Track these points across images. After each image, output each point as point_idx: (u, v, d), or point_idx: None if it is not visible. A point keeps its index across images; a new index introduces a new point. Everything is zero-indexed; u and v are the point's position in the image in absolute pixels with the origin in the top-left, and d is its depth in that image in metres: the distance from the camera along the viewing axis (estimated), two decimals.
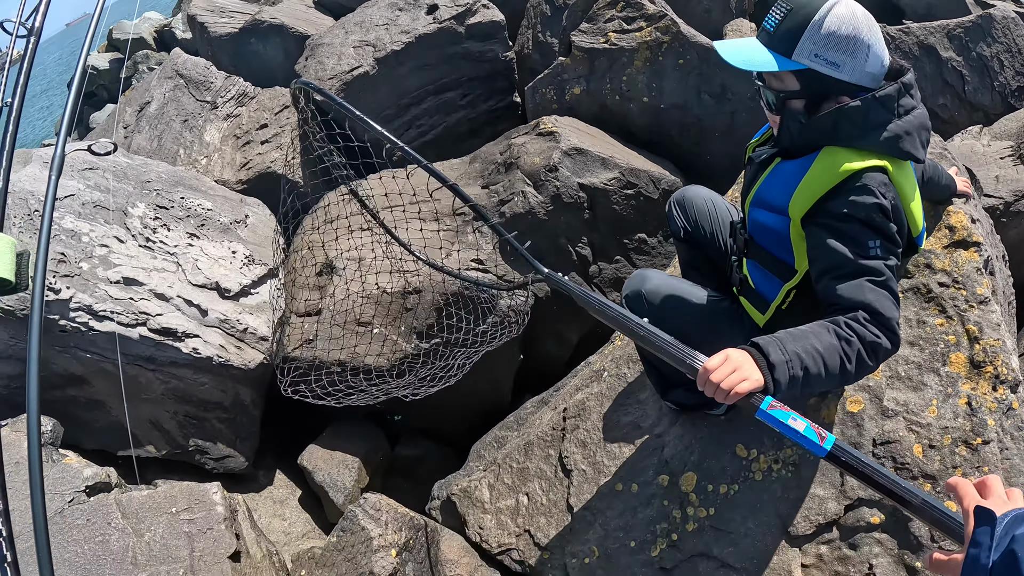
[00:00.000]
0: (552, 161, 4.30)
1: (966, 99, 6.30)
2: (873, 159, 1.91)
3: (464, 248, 4.32)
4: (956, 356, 2.43)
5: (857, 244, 1.86)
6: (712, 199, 2.76)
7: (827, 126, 1.96)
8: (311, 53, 6.90)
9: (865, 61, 1.92)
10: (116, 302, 4.27)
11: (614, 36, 5.14)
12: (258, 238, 5.30)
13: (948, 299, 2.52)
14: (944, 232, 2.66)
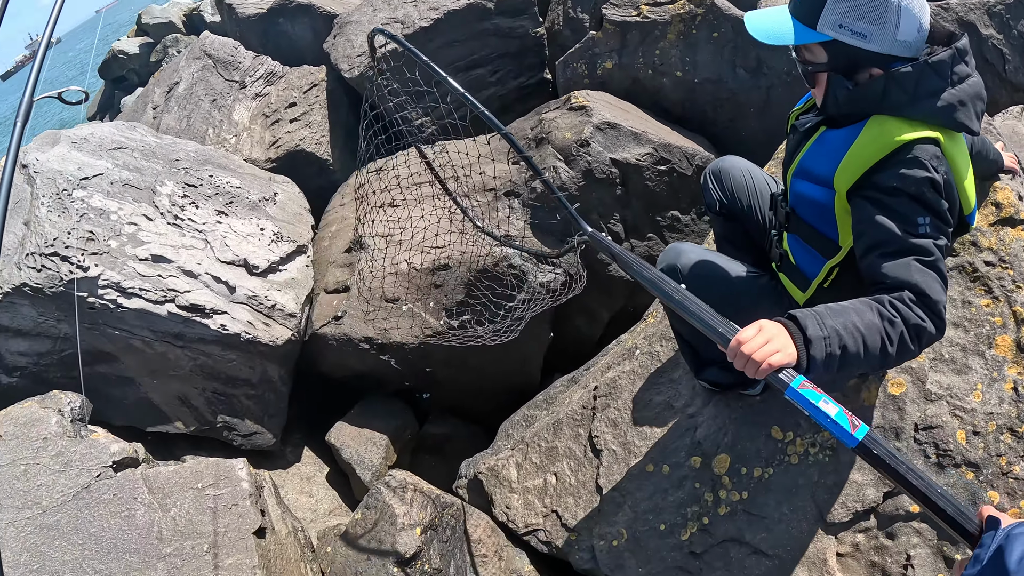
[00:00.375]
0: (584, 136, 4.20)
1: (1006, 78, 6.07)
2: (925, 130, 1.77)
3: (495, 223, 4.26)
4: (1002, 339, 2.32)
5: (906, 220, 1.74)
6: (750, 170, 2.63)
7: (876, 93, 1.82)
8: (339, 31, 6.85)
9: (896, 29, 1.76)
10: (144, 279, 4.27)
11: (647, 9, 5.01)
12: (287, 215, 5.28)
13: (995, 279, 2.40)
14: (990, 208, 2.54)
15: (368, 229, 4.47)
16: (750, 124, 4.99)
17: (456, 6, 6.37)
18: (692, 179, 4.44)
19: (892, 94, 1.79)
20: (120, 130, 5.50)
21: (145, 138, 5.51)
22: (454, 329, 4.02)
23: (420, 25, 6.27)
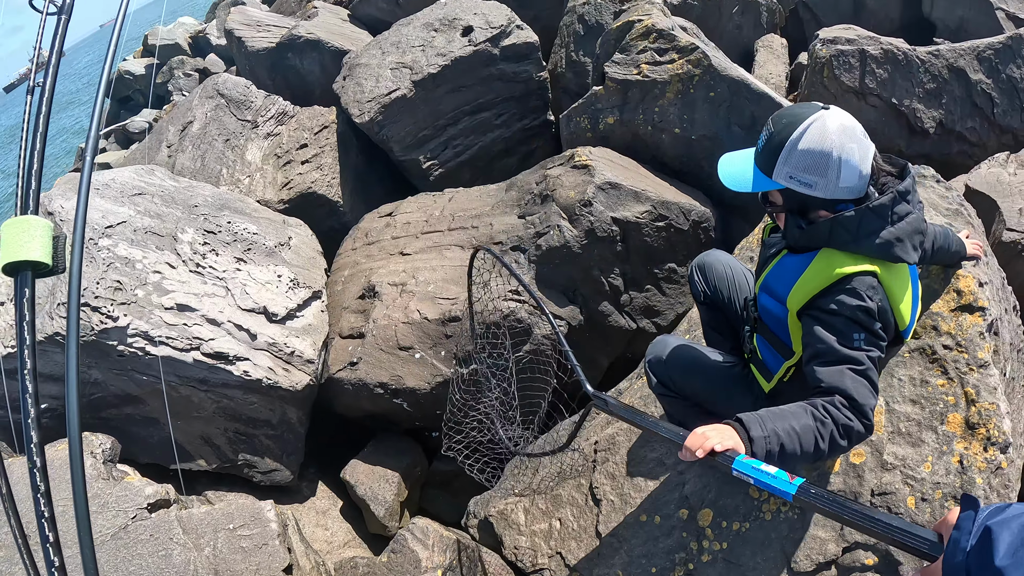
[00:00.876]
0: (587, 196, 4.48)
1: (995, 122, 6.33)
2: (865, 263, 2.08)
3: (502, 279, 4.52)
4: (953, 416, 2.58)
5: (843, 335, 2.05)
6: (731, 265, 2.96)
7: (824, 233, 2.12)
8: (349, 73, 7.10)
9: (838, 179, 2.04)
10: (171, 328, 4.51)
11: (647, 68, 5.28)
12: (302, 260, 5.53)
13: (951, 361, 2.67)
14: (952, 296, 2.82)
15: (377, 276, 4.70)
16: None
17: (463, 52, 6.63)
18: (688, 233, 4.71)
19: (837, 234, 2.10)
20: (140, 175, 5.73)
21: (164, 183, 5.75)
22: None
23: (428, 72, 6.53)
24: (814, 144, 2.01)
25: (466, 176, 6.86)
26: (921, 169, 3.48)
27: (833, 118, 2.03)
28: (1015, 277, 4.47)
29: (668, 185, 5.00)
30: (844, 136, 2.01)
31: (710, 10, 8.28)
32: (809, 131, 2.02)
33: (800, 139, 2.03)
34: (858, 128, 2.04)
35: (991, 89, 6.33)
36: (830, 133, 2.01)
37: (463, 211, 5.15)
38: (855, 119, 2.06)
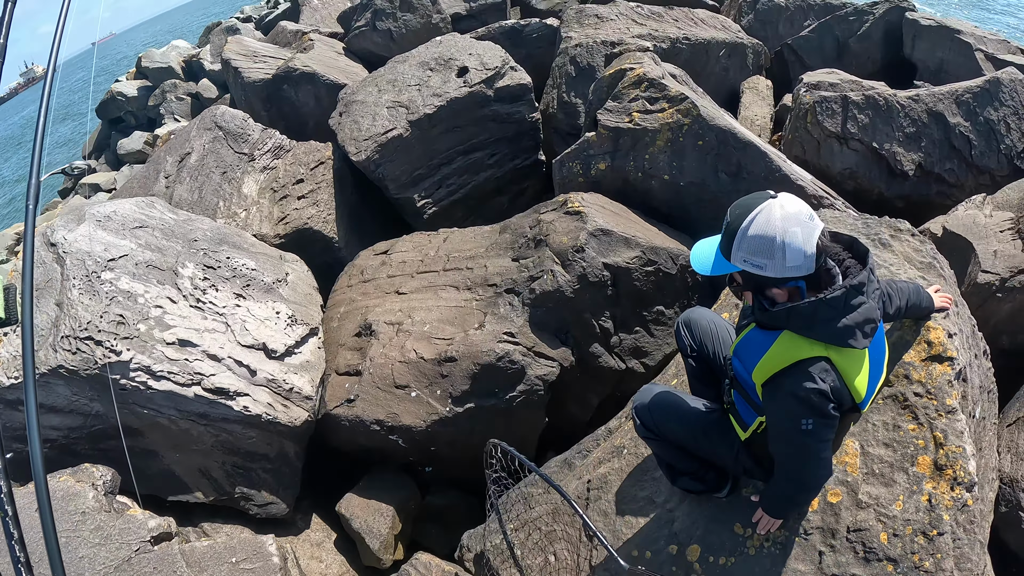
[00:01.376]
0: (579, 242, 4.65)
1: (973, 163, 6.55)
2: (820, 349, 2.35)
3: (496, 320, 4.67)
4: (923, 458, 2.79)
5: (795, 419, 2.36)
6: (715, 321, 3.19)
7: (783, 317, 2.38)
8: (345, 109, 7.27)
9: (784, 260, 2.26)
10: (172, 363, 4.61)
11: (638, 116, 5.48)
12: (299, 296, 5.66)
13: (921, 408, 2.89)
14: (923, 347, 3.04)
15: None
16: None
17: (458, 93, 6.82)
18: (676, 277, 4.89)
19: (794, 321, 2.36)
20: (141, 207, 5.83)
21: (164, 215, 5.86)
22: None
23: (424, 112, 6.71)
24: (760, 230, 2.26)
25: (459, 214, 7.03)
26: (897, 223, 3.66)
27: (778, 206, 2.26)
28: (990, 316, 4.68)
29: (657, 230, 5.18)
30: (787, 222, 2.24)
31: (698, 53, 8.53)
32: (757, 219, 2.27)
33: (749, 226, 2.28)
34: (803, 213, 2.27)
35: (969, 132, 6.56)
36: (774, 220, 2.25)
37: (458, 252, 5.31)
38: (801, 203, 2.29)
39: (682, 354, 3.24)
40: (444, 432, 4.67)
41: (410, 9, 10.74)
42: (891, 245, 3.53)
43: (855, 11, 10.05)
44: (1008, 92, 6.64)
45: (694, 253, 2.56)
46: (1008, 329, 4.74)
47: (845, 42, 9.86)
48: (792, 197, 2.30)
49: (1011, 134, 6.57)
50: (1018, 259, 4.75)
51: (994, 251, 4.86)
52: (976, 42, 8.73)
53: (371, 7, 10.85)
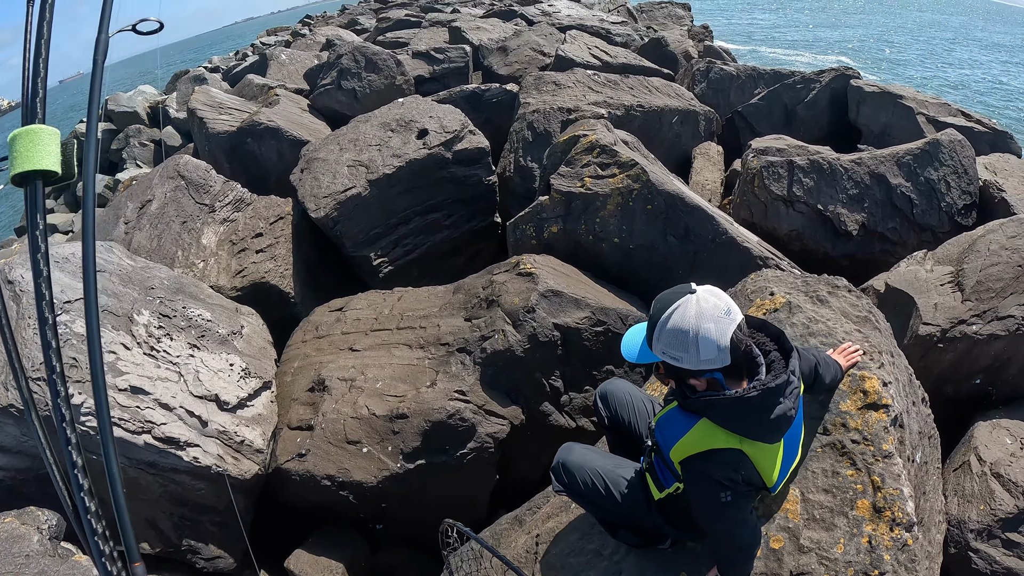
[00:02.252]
0: (530, 303, 4.79)
1: (915, 221, 6.86)
2: (734, 441, 2.48)
3: (448, 378, 4.76)
4: (862, 502, 2.92)
5: (713, 494, 2.51)
6: (631, 392, 3.36)
7: (701, 407, 2.51)
8: (306, 166, 7.40)
9: (698, 354, 2.38)
10: (124, 409, 4.60)
11: (590, 181, 5.69)
12: (253, 349, 5.69)
13: (858, 454, 3.03)
14: (859, 395, 3.19)
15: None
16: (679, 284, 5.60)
17: (418, 155, 6.99)
18: None
19: (711, 412, 2.50)
20: (99, 252, 5.81)
21: (122, 261, 5.86)
22: None
23: (383, 172, 6.87)
24: (676, 325, 2.38)
25: (414, 274, 7.14)
26: (834, 280, 3.85)
27: (695, 302, 2.40)
28: (933, 367, 4.88)
29: (607, 292, 5.34)
30: (701, 318, 2.36)
31: (652, 120, 8.85)
32: (674, 314, 2.39)
33: (667, 321, 2.41)
34: (719, 308, 2.39)
35: (910, 192, 6.88)
36: (689, 316, 2.37)
37: (412, 311, 5.41)
38: (719, 298, 2.42)
39: (600, 425, 3.43)
40: (395, 488, 4.71)
41: (375, 70, 11.00)
42: (829, 301, 3.71)
43: (803, 79, 10.54)
44: (947, 152, 7.01)
45: (625, 339, 2.70)
46: (951, 378, 4.95)
47: (793, 109, 10.31)
48: (712, 291, 2.44)
49: (951, 192, 6.91)
50: (958, 311, 4.96)
51: (934, 304, 5.07)
52: (918, 106, 9.21)
53: (337, 66, 11.09)
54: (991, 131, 9.08)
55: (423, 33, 17.27)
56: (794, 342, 3.40)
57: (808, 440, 3.14)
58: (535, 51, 13.06)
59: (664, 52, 14.11)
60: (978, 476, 4.28)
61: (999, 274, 4.98)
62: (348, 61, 11.10)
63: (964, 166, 7.02)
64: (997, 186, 7.05)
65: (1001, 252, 5.13)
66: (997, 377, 4.87)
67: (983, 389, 4.93)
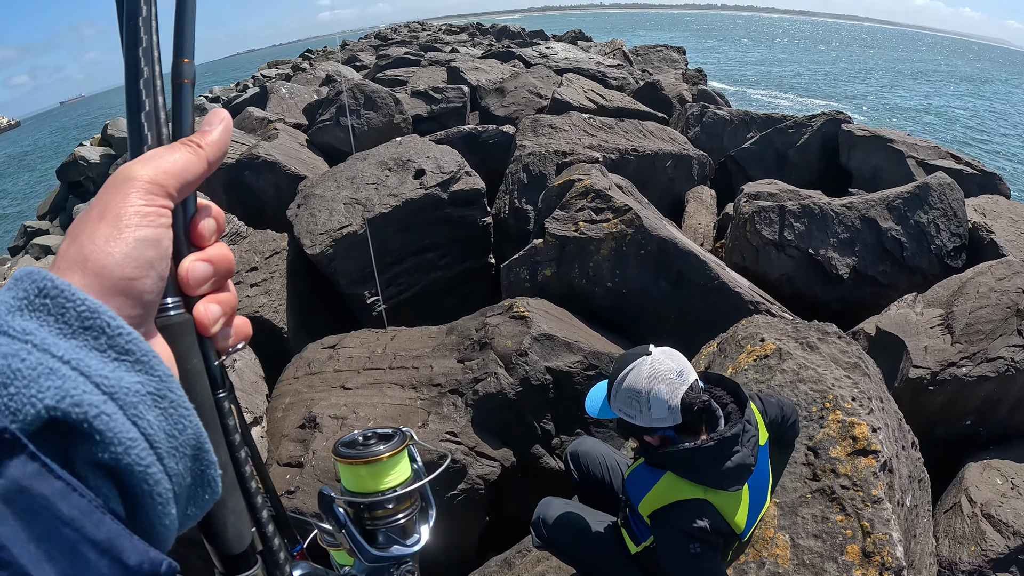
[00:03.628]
0: (523, 346, 4.81)
1: (905, 264, 6.92)
2: (699, 491, 2.57)
3: (439, 419, 4.76)
4: (851, 547, 2.94)
5: (681, 545, 2.56)
6: (603, 452, 3.48)
7: (663, 460, 2.62)
8: (303, 202, 7.44)
9: (650, 413, 2.51)
10: None
11: (584, 226, 5.74)
12: (245, 384, 5.68)
13: (848, 499, 3.06)
14: (848, 441, 3.22)
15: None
16: (671, 329, 5.65)
17: (414, 195, 7.05)
18: None
19: (673, 464, 2.61)
20: None
21: None
22: None
23: (380, 211, 6.91)
24: (630, 385, 2.55)
25: (407, 313, 7.15)
26: (824, 326, 3.91)
27: (649, 364, 2.55)
28: (923, 410, 4.92)
29: (599, 336, 5.37)
30: (654, 379, 2.51)
31: (646, 164, 8.96)
32: (629, 375, 2.56)
33: (623, 381, 2.57)
34: (672, 370, 2.53)
35: (900, 235, 6.96)
36: (642, 377, 2.53)
37: (404, 351, 5.42)
38: (673, 360, 2.57)
39: (573, 484, 3.54)
40: None
41: (374, 107, 11.13)
42: (819, 347, 3.76)
43: (795, 124, 10.70)
44: (937, 195, 7.09)
45: (591, 393, 2.87)
46: (942, 419, 4.99)
47: (785, 153, 10.45)
48: (667, 353, 2.60)
49: (941, 235, 6.98)
50: (948, 353, 5.00)
51: (924, 347, 5.12)
52: (908, 149, 9.35)
53: (336, 102, 11.20)
54: (980, 173, 9.22)
55: (422, 72, 17.50)
56: (782, 389, 3.47)
57: (797, 485, 3.17)
58: (532, 93, 13.23)
59: (659, 96, 14.33)
60: (969, 517, 4.29)
61: (988, 316, 5.03)
62: (347, 98, 11.22)
63: (953, 208, 7.12)
64: (986, 228, 7.15)
65: (990, 294, 5.19)
66: (987, 418, 4.92)
67: (974, 430, 4.98)
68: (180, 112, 0.75)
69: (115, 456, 0.53)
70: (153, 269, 0.64)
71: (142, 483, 0.55)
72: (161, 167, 0.68)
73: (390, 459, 1.17)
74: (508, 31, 40.50)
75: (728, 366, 3.85)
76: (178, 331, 0.69)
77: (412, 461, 1.23)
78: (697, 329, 5.35)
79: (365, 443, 1.21)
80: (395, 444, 1.19)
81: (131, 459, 0.54)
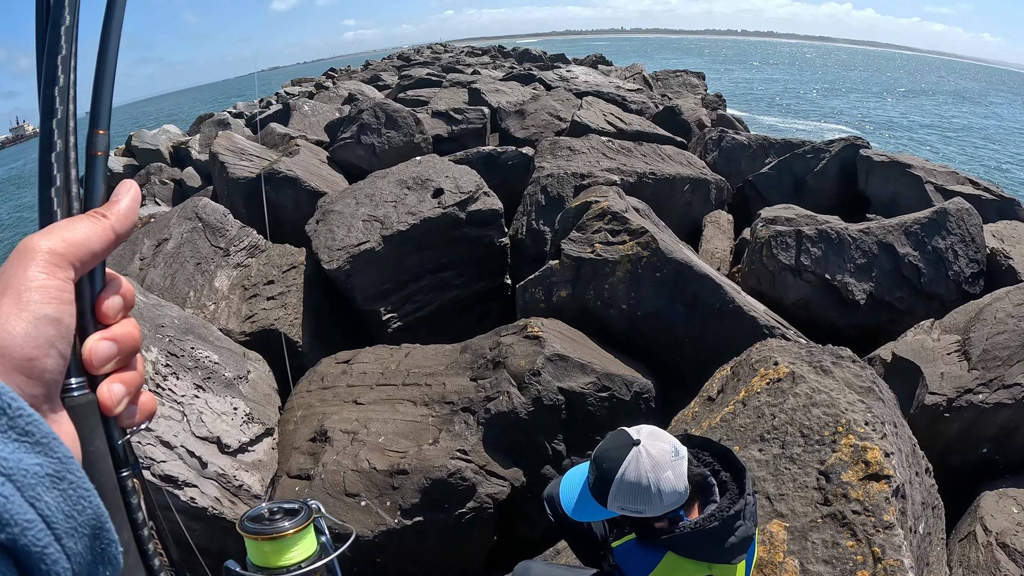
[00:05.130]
0: (536, 366, 4.83)
1: (922, 290, 6.84)
2: (703, 569, 2.45)
3: (451, 437, 4.77)
4: (862, 573, 2.90)
5: None
6: (552, 573, 3.33)
7: (664, 542, 2.47)
8: (322, 217, 7.51)
9: (662, 503, 2.35)
10: None
11: (600, 247, 5.76)
12: (258, 395, 5.72)
13: (859, 524, 3.01)
14: (861, 466, 3.18)
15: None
16: (685, 352, 5.64)
17: (432, 214, 7.10)
18: (630, 403, 5.05)
19: (675, 545, 2.45)
20: None
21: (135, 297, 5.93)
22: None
23: (398, 228, 6.97)
24: (634, 481, 2.36)
25: (422, 331, 7.18)
26: (839, 350, 3.87)
27: (645, 453, 2.38)
28: (938, 437, 4.85)
29: (613, 357, 5.37)
30: (657, 469, 2.36)
31: (663, 187, 8.97)
32: (627, 471, 2.36)
33: (622, 479, 2.37)
34: (668, 452, 2.39)
35: (918, 260, 6.89)
36: (644, 470, 2.36)
37: (418, 368, 5.45)
38: (664, 441, 2.40)
39: (552, 526, 3.37)
40: (391, 544, 4.68)
41: (395, 127, 11.23)
42: (832, 372, 3.73)
43: (813, 149, 10.66)
44: (955, 221, 7.04)
45: (564, 494, 2.67)
46: (958, 447, 4.92)
47: (803, 178, 10.40)
48: (653, 435, 2.42)
49: (959, 261, 6.92)
50: (964, 380, 4.95)
51: (941, 373, 5.06)
52: (926, 175, 9.28)
53: (358, 121, 11.32)
54: (998, 199, 9.14)
55: (443, 93, 17.63)
56: (795, 412, 3.44)
57: (807, 509, 3.14)
58: (552, 115, 13.31)
59: (678, 120, 14.37)
60: (983, 546, 4.22)
61: (1005, 342, 4.99)
62: (369, 117, 11.34)
63: (971, 234, 7.06)
64: (1004, 254, 7.09)
65: (1008, 320, 5.15)
66: (1004, 445, 4.85)
67: (990, 458, 4.91)
68: (92, 185, 0.75)
69: (12, 537, 0.53)
70: (54, 348, 0.64)
71: (39, 563, 0.55)
72: (63, 237, 0.67)
73: (295, 535, 1.16)
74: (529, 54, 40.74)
75: (741, 389, 3.83)
76: (81, 412, 0.69)
77: (319, 534, 1.23)
78: (711, 352, 5.33)
79: (271, 517, 1.22)
80: (300, 520, 1.19)
81: (28, 540, 0.54)
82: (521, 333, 5.16)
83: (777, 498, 3.28)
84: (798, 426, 3.42)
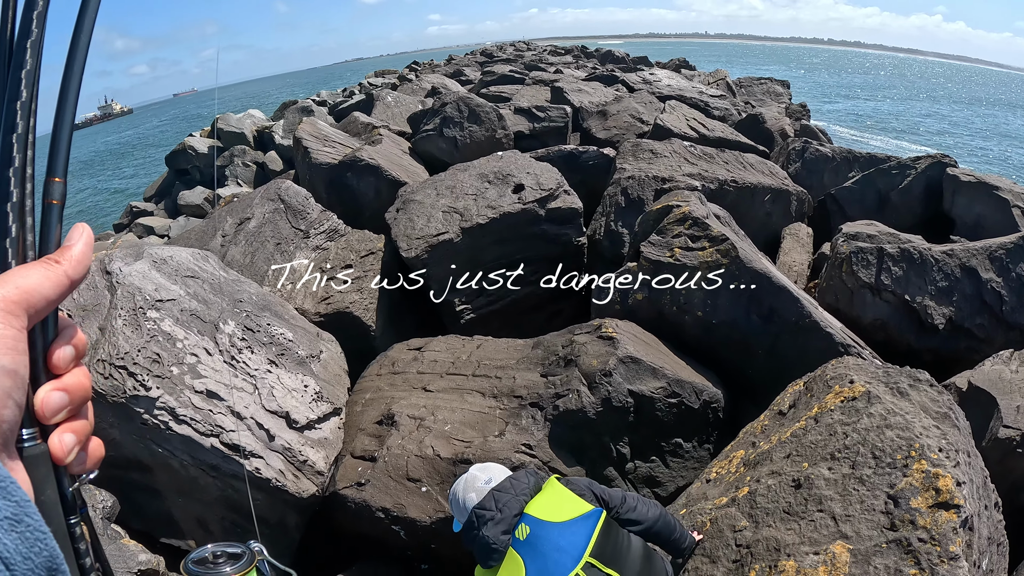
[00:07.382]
0: (608, 367, 4.79)
1: (1003, 319, 6.53)
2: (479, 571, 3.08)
3: (516, 431, 4.78)
4: None
5: None
6: None
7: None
8: (402, 206, 7.60)
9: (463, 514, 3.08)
10: (197, 411, 4.75)
11: (679, 252, 5.69)
12: (329, 375, 5.82)
13: (924, 553, 2.88)
14: (931, 493, 3.06)
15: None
16: (758, 364, 5.53)
17: (512, 209, 7.11)
18: (698, 412, 4.98)
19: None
20: (195, 259, 6.07)
21: (216, 272, 6.09)
22: None
23: (477, 221, 7.00)
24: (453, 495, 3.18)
25: (495, 325, 7.20)
26: (917, 373, 3.74)
27: (466, 475, 3.19)
28: (1010, 472, 4.64)
29: (685, 364, 5.30)
30: (464, 484, 3.14)
31: (744, 196, 8.82)
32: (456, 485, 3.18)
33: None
34: (480, 478, 3.15)
35: (1001, 287, 6.59)
36: (458, 488, 3.15)
37: (489, 360, 5.47)
38: (492, 471, 3.21)
39: None
40: (448, 531, 4.71)
41: (477, 121, 11.29)
42: (909, 394, 3.61)
43: (898, 165, 10.31)
44: None
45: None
46: None
47: (887, 195, 10.08)
48: (486, 467, 3.24)
49: None
50: None
51: (1017, 407, 4.85)
52: (1014, 198, 8.90)
53: (441, 114, 11.42)
54: None
55: (525, 90, 17.68)
56: (868, 433, 3.33)
57: (873, 533, 3.04)
58: (634, 118, 13.22)
59: (761, 129, 14.11)
60: None
61: None
62: (452, 110, 11.43)
63: None
64: None
65: None
66: None
67: None
68: (47, 233, 0.75)
69: None
70: (11, 399, 0.65)
71: None
72: (16, 285, 0.68)
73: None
74: (612, 55, 40.54)
75: (814, 405, 3.74)
76: (33, 463, 0.71)
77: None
78: (784, 366, 5.22)
79: (214, 561, 1.25)
80: (243, 565, 1.22)
81: None
82: (595, 333, 5.13)
83: (843, 519, 3.17)
84: (870, 447, 3.31)
